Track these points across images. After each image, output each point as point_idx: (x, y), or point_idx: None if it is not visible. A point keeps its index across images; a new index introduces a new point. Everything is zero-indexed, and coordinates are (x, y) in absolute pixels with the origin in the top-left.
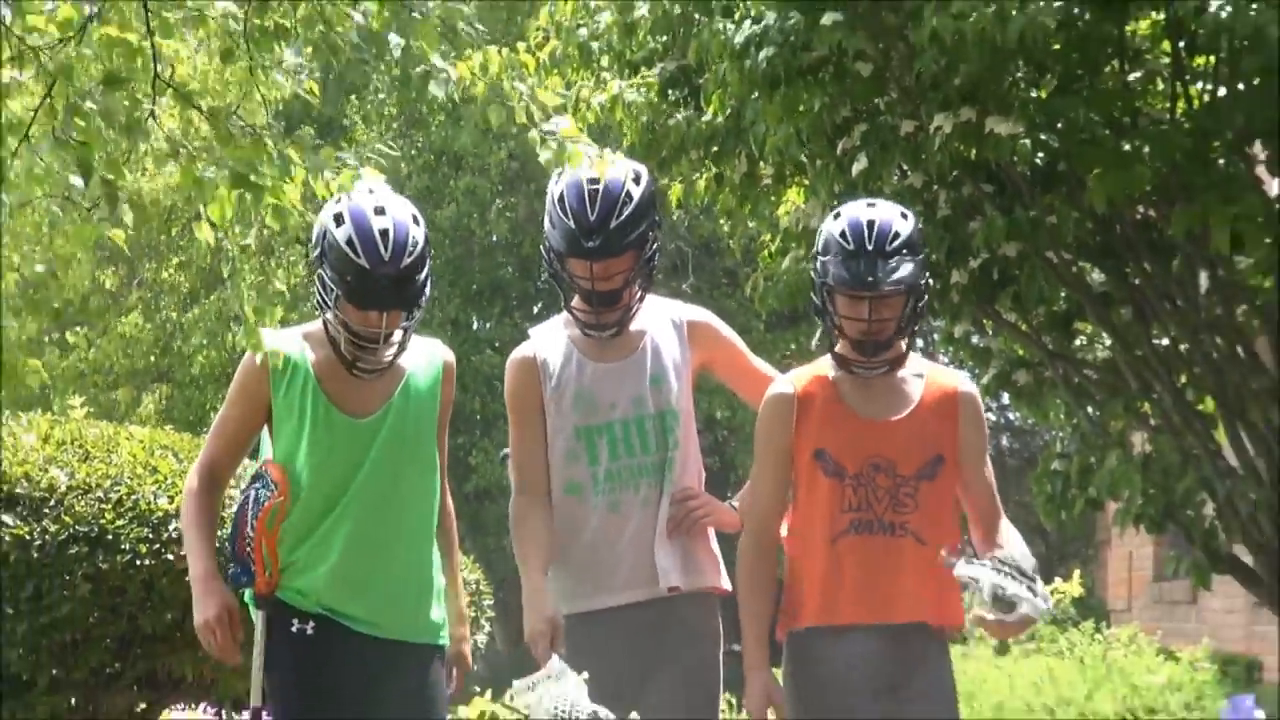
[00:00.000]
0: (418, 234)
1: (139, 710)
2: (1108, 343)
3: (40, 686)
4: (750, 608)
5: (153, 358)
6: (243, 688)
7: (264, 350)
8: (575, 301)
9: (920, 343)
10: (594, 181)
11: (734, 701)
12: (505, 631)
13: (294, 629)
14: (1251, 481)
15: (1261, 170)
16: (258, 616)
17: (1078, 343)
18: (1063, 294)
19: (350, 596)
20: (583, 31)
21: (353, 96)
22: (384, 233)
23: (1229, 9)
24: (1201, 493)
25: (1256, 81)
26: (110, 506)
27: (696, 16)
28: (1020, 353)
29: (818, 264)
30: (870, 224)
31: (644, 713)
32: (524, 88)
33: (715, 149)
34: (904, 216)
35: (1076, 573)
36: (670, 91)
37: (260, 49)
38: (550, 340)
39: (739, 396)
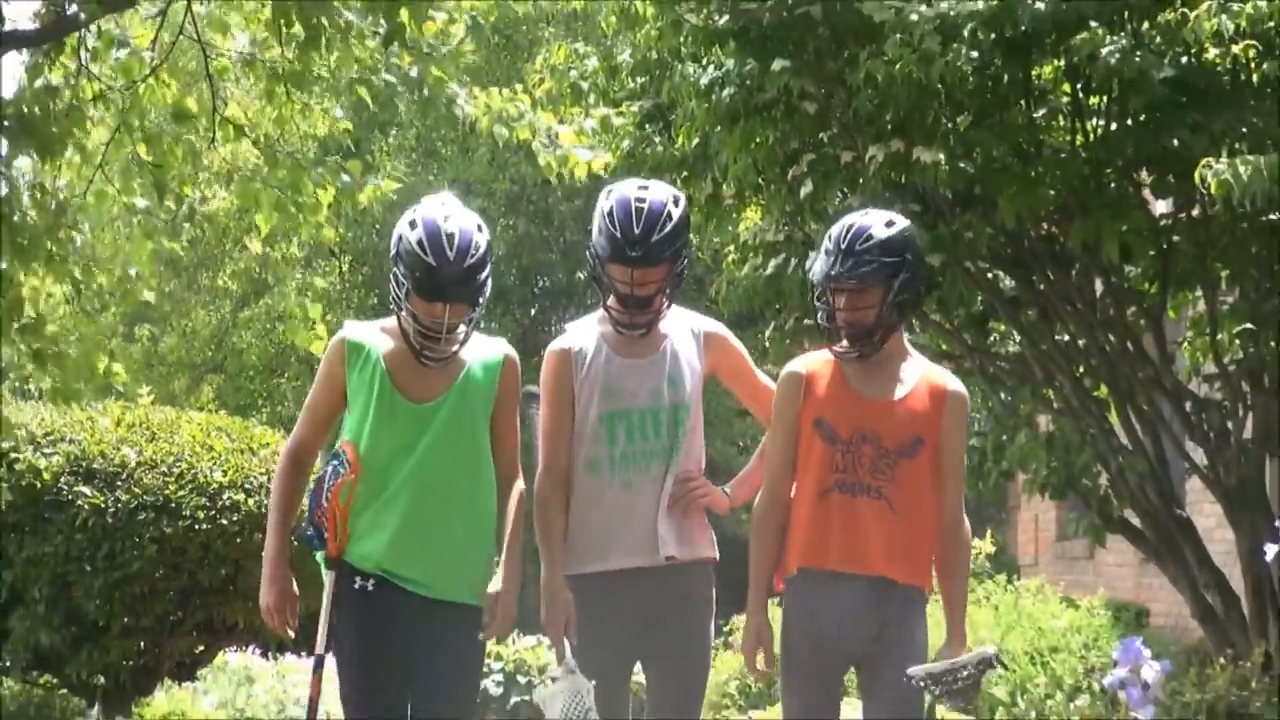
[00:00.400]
0: (480, 239)
1: (197, 652)
2: (1017, 339)
3: (114, 632)
4: (758, 554)
5: (209, 352)
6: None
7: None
8: (612, 301)
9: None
10: (640, 200)
11: None
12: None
13: (357, 586)
14: (1139, 456)
15: (1146, 192)
16: (327, 575)
17: (992, 339)
18: (979, 297)
19: (406, 561)
20: (573, 73)
21: (377, 130)
22: (450, 235)
23: (1118, 56)
24: (1097, 466)
25: (1142, 117)
26: (173, 479)
27: (670, 62)
28: (944, 347)
29: (814, 271)
30: (846, 228)
31: (649, 669)
32: (524, 105)
33: (685, 173)
34: (888, 224)
35: (990, 533)
36: (647, 124)
37: (301, 89)
38: (584, 334)
39: (741, 399)
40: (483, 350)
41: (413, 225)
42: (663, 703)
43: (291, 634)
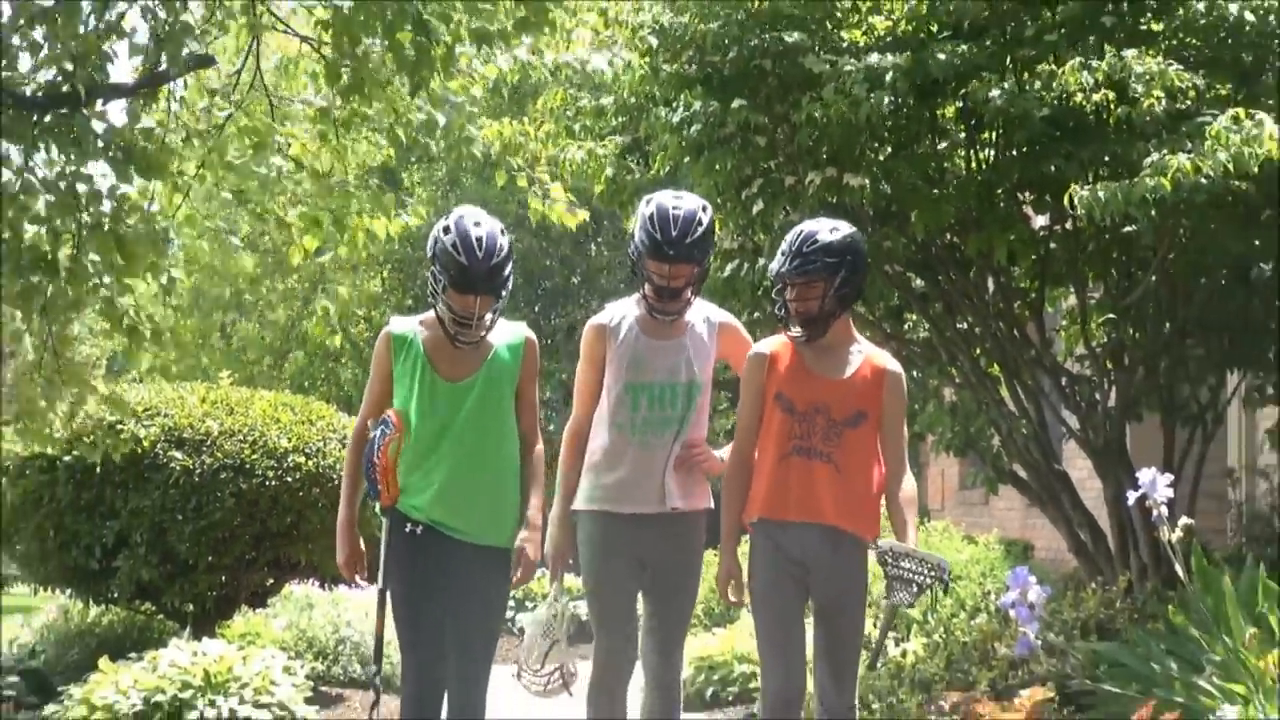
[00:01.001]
0: (504, 242)
1: (268, 584)
2: (926, 328)
3: (200, 569)
4: (728, 507)
5: (278, 342)
6: (333, 567)
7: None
8: (648, 291)
9: None
10: (676, 208)
11: None
12: None
13: (407, 530)
14: (1024, 422)
15: (1028, 209)
16: (383, 522)
17: (905, 328)
18: (895, 294)
19: (448, 511)
20: (568, 113)
21: (411, 162)
22: (479, 239)
23: (1004, 99)
24: (990, 429)
25: (1024, 149)
26: (247, 446)
27: (645, 104)
28: (866, 335)
29: (773, 269)
30: (798, 233)
31: (647, 597)
32: (526, 136)
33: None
34: (833, 230)
35: None
36: (627, 155)
37: (348, 130)
38: (621, 314)
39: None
40: (506, 334)
41: (447, 230)
42: (660, 622)
43: (360, 582)
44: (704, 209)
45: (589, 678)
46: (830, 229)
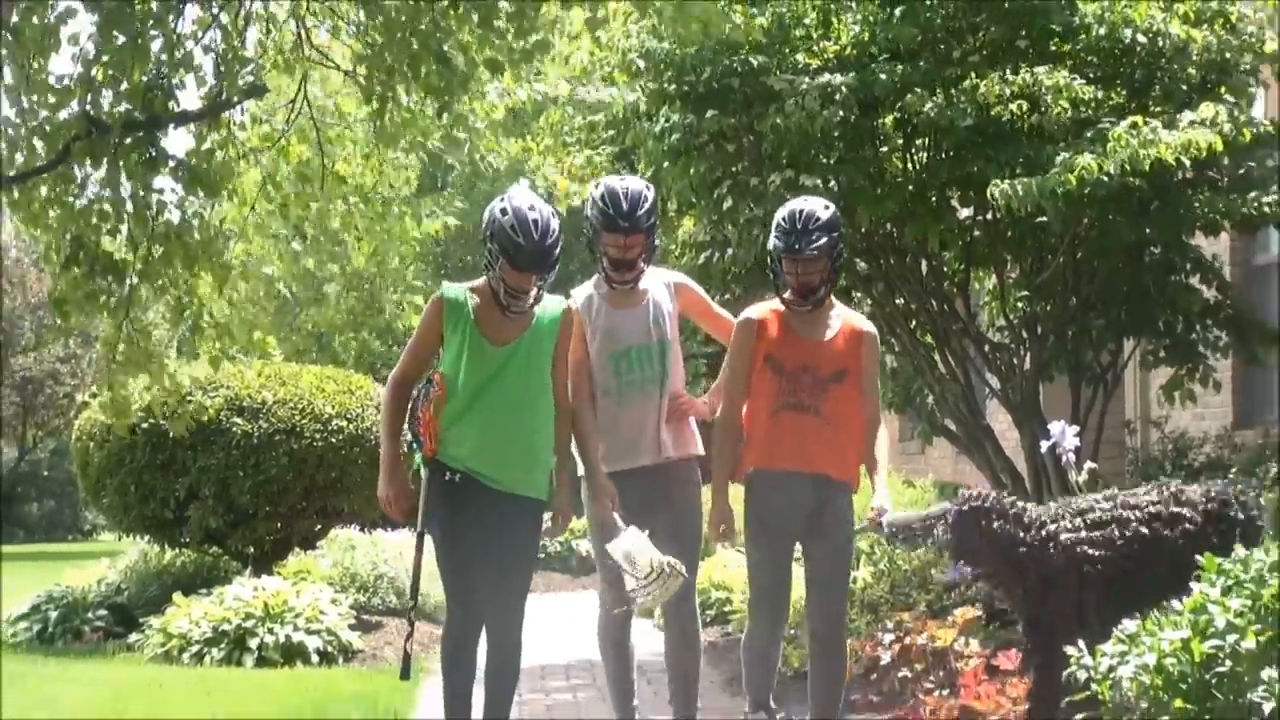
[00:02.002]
0: (555, 224)
1: (316, 529)
2: (870, 304)
3: (259, 517)
4: (719, 458)
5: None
6: (376, 515)
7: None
8: (605, 264)
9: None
10: (625, 185)
11: None
12: None
13: (447, 478)
14: (953, 383)
15: (955, 202)
16: (424, 471)
17: (852, 304)
18: (844, 276)
19: (485, 462)
20: (566, 129)
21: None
22: (535, 221)
23: (935, 111)
24: (925, 390)
25: (951, 153)
26: (298, 412)
27: (631, 118)
28: None
29: (770, 241)
30: (798, 212)
31: (657, 535)
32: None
33: None
34: (826, 208)
35: None
36: (617, 162)
37: (388, 147)
38: (586, 294)
39: (705, 329)
40: (548, 304)
41: (504, 212)
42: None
43: (404, 517)
44: (648, 186)
45: (599, 617)
46: (824, 206)
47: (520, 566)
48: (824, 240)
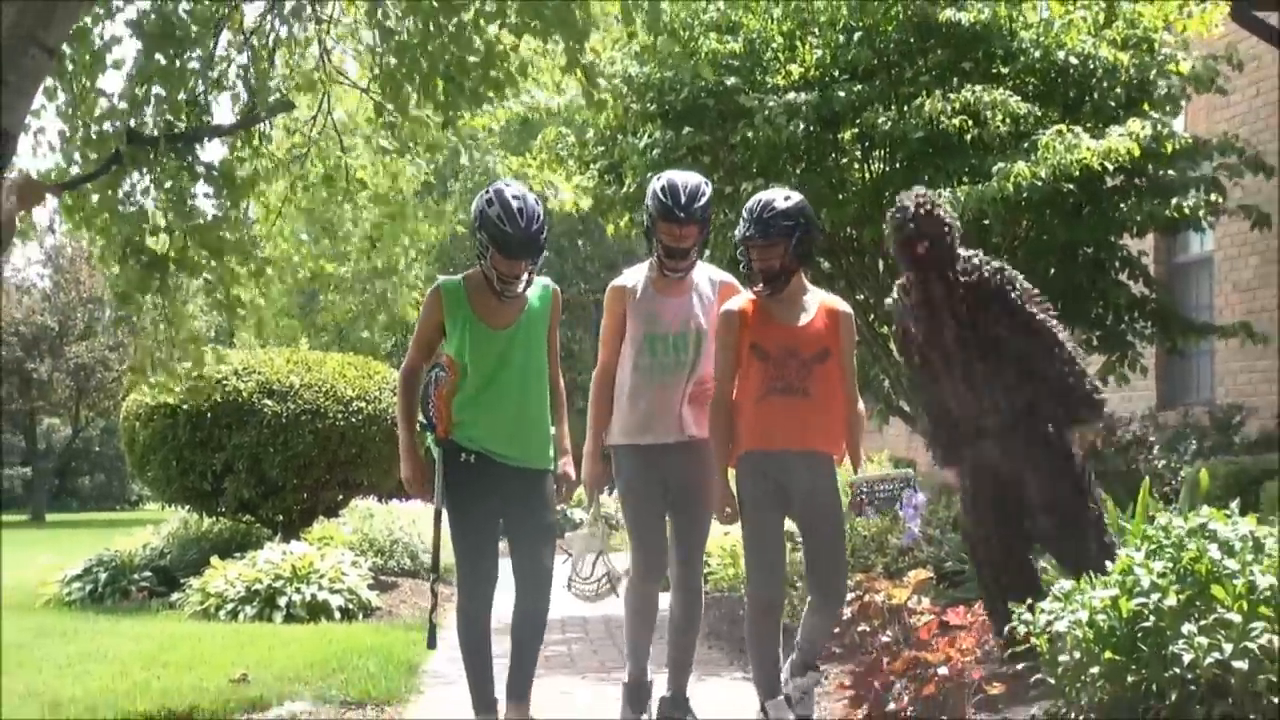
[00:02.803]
0: (540, 211)
1: (338, 500)
2: None
3: (288, 488)
4: (715, 442)
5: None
6: (392, 487)
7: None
8: (660, 252)
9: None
10: (684, 179)
11: None
12: None
13: (461, 459)
14: (907, 370)
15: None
16: (437, 452)
17: None
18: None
19: (496, 440)
20: (560, 146)
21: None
22: (520, 210)
23: (889, 125)
24: (882, 375)
25: (905, 162)
26: (322, 395)
27: (617, 135)
28: None
29: (738, 235)
30: (758, 201)
31: (672, 513)
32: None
33: (630, 203)
34: (786, 199)
35: None
36: (606, 175)
37: (402, 156)
38: (636, 277)
39: None
40: (535, 287)
41: (490, 203)
42: (684, 535)
43: (424, 495)
44: (705, 182)
45: (627, 583)
46: (784, 197)
47: (543, 533)
48: (776, 228)
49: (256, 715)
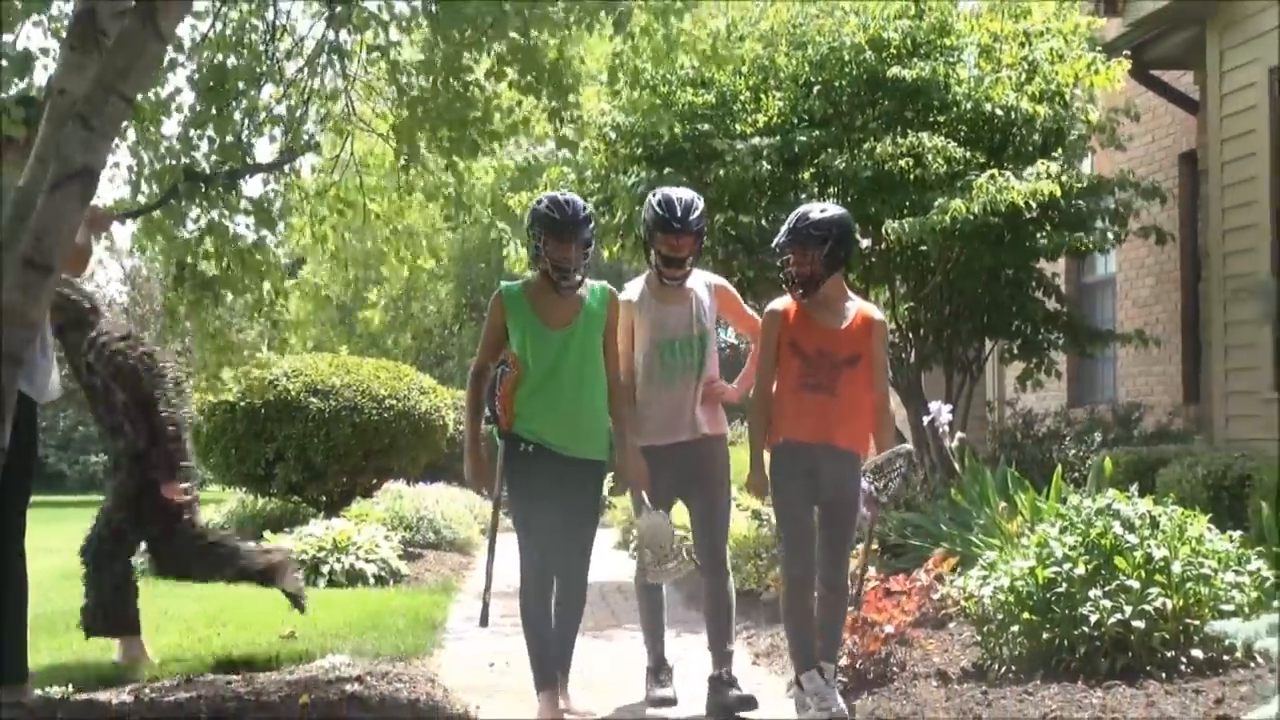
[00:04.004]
0: (586, 206)
1: (373, 483)
2: None
3: (330, 474)
4: (753, 431)
5: (385, 325)
6: (417, 472)
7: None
8: (658, 262)
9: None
10: (678, 194)
11: None
12: None
13: (521, 449)
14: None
15: (857, 235)
16: (500, 443)
17: None
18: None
19: (554, 432)
20: (561, 183)
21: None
22: (567, 201)
23: (841, 165)
24: None
25: (856, 198)
26: (359, 394)
27: (610, 174)
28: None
29: (775, 242)
30: (796, 214)
31: (692, 504)
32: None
33: (623, 232)
34: (821, 211)
35: None
36: (600, 208)
37: (410, 194)
38: (638, 290)
39: (735, 326)
40: (592, 290)
41: (539, 202)
42: (705, 524)
43: (484, 486)
44: (697, 196)
45: (635, 575)
46: (820, 209)
47: (588, 518)
48: (808, 236)
49: (302, 666)
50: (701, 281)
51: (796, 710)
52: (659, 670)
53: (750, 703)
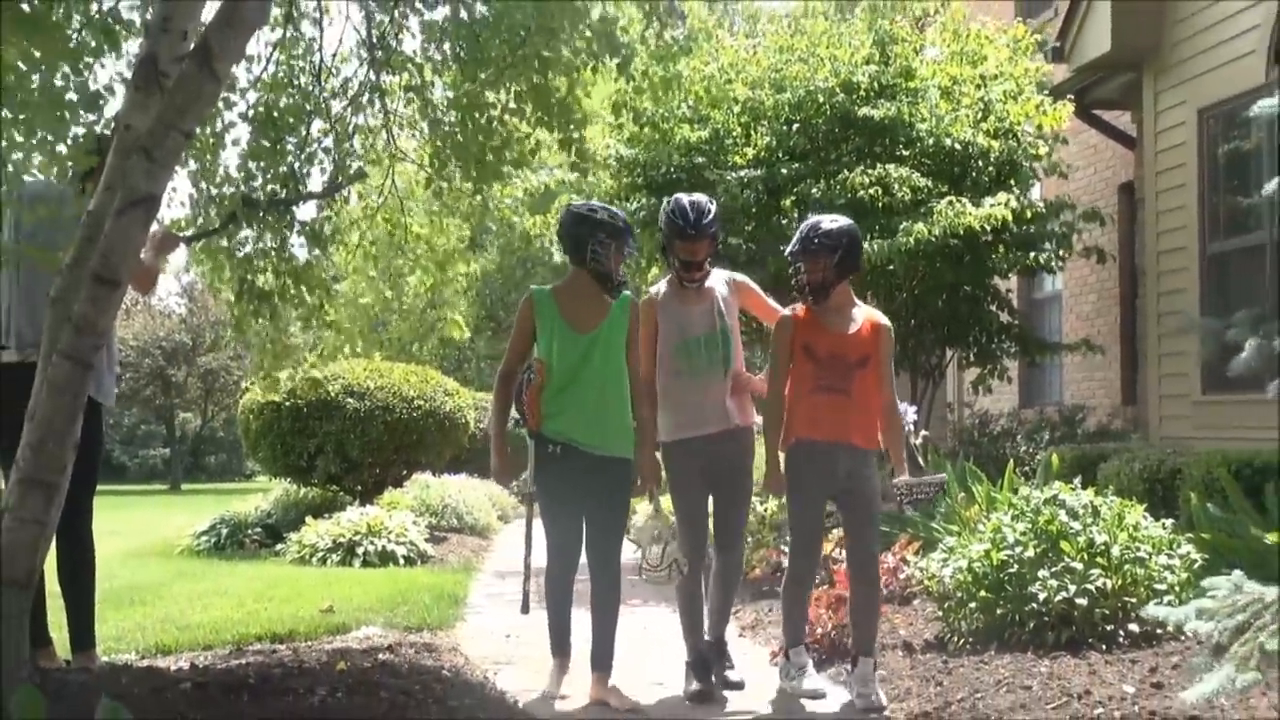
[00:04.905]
0: (711, 207)
1: (402, 474)
2: None
3: (364, 466)
4: (768, 430)
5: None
6: (442, 464)
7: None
8: (677, 266)
9: None
10: (692, 199)
11: None
12: None
13: (549, 449)
14: None
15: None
16: (530, 443)
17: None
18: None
19: (581, 430)
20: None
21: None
22: (613, 213)
23: (817, 194)
24: None
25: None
26: (391, 395)
27: (613, 201)
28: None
29: (788, 251)
30: (807, 224)
31: (720, 492)
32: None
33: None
34: (832, 222)
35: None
36: None
37: (449, 215)
38: (660, 292)
39: (759, 319)
40: (618, 300)
41: (594, 210)
42: (726, 514)
43: (509, 482)
44: (710, 200)
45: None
46: (830, 220)
47: (616, 512)
48: (819, 245)
49: (340, 637)
50: (722, 279)
51: (780, 678)
52: (701, 662)
53: (738, 685)
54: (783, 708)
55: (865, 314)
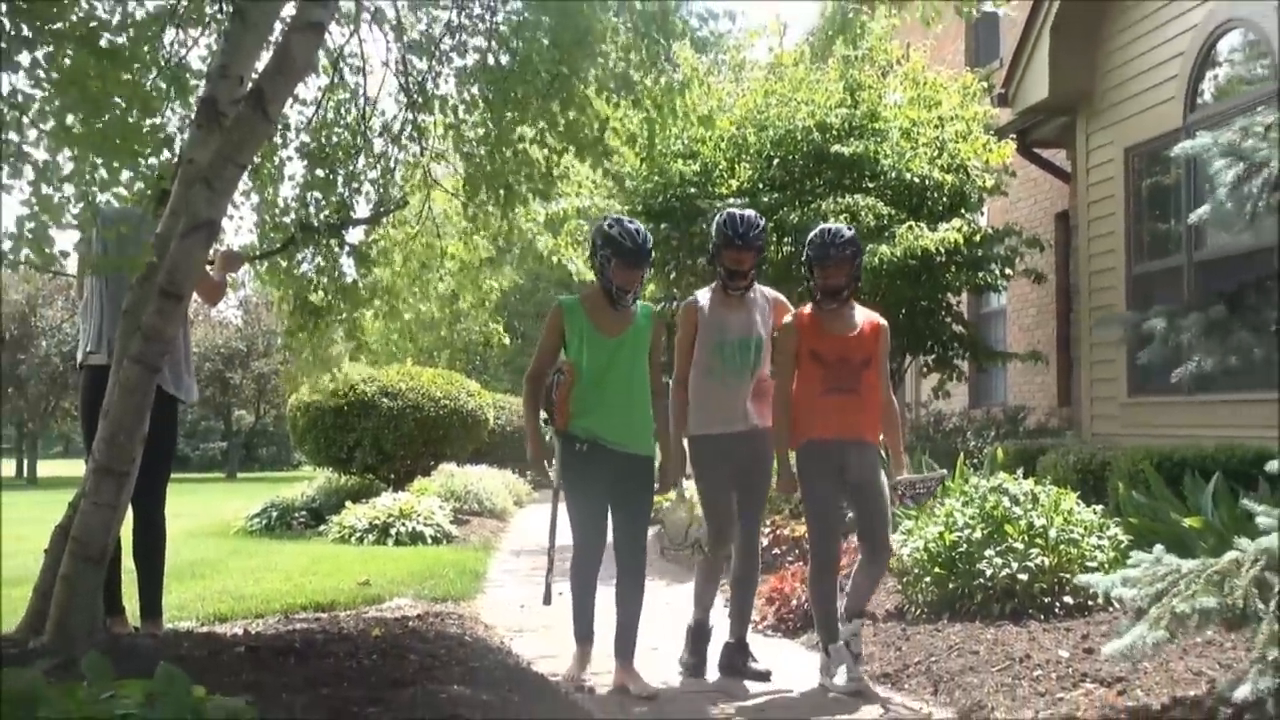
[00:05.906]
0: (760, 221)
1: (430, 465)
2: None
3: (397, 457)
4: (777, 431)
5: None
6: (465, 456)
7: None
8: (724, 274)
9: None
10: (742, 213)
11: None
12: None
13: (576, 447)
14: None
15: (806, 274)
16: (557, 441)
17: None
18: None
19: (607, 429)
20: (579, 233)
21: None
22: (636, 231)
23: (796, 220)
24: None
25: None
26: (421, 396)
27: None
28: None
29: (804, 253)
30: (825, 231)
31: (738, 488)
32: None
33: None
34: (849, 228)
35: None
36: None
37: (474, 235)
38: (705, 297)
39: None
40: (641, 307)
41: (610, 226)
42: (747, 508)
43: (549, 473)
44: (758, 216)
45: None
46: (846, 228)
47: (641, 507)
48: (846, 251)
49: (375, 607)
50: (761, 293)
51: (821, 676)
52: (699, 630)
53: (765, 676)
54: (802, 694)
55: (865, 315)
